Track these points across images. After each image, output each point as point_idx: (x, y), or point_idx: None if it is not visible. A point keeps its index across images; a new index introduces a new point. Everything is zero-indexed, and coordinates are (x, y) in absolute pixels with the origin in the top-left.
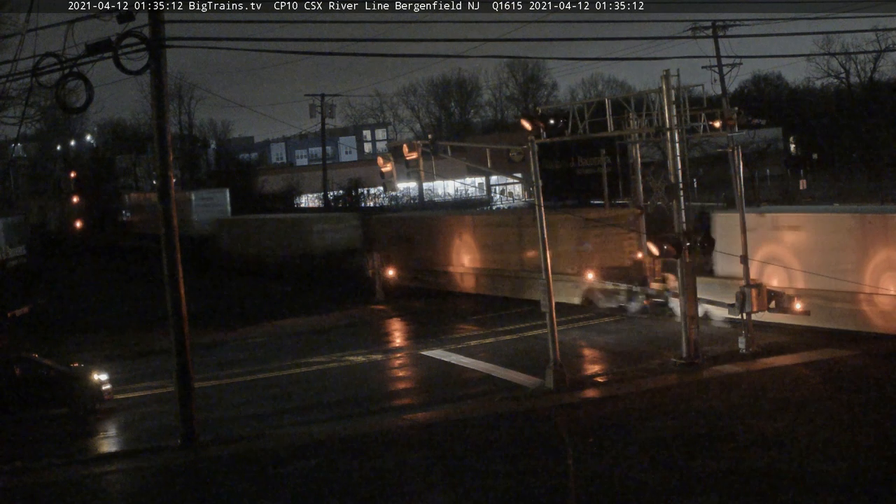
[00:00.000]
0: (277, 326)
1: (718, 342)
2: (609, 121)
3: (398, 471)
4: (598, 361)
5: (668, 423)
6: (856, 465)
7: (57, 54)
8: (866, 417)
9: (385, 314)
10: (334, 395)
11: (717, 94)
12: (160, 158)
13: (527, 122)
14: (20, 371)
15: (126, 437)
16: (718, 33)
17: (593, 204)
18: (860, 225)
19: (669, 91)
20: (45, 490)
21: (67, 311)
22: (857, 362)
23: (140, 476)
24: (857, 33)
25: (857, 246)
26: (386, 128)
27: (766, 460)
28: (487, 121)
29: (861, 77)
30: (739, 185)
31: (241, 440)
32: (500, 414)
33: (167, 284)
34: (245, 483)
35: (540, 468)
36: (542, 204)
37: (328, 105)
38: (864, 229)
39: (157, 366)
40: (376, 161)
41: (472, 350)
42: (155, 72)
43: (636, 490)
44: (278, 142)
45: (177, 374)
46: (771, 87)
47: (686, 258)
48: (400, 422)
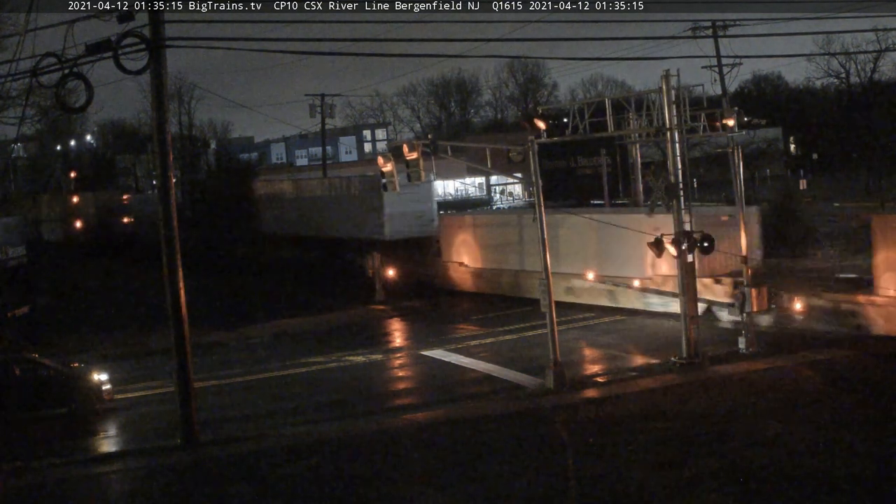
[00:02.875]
0: (278, 326)
1: (718, 342)
2: (609, 121)
3: (398, 471)
4: (598, 361)
5: (668, 423)
6: (855, 465)
7: (57, 54)
8: (866, 417)
9: (385, 314)
10: (334, 395)
11: (717, 94)
12: (160, 158)
13: (527, 122)
14: (20, 371)
15: (126, 437)
16: (718, 33)
17: (593, 204)
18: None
19: (669, 91)
20: (45, 490)
21: (67, 311)
22: (857, 362)
23: (140, 476)
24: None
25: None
26: (386, 128)
27: (766, 460)
28: (487, 121)
29: (861, 77)
30: (739, 184)
31: (241, 440)
32: (501, 414)
33: (167, 284)
34: (245, 483)
35: (540, 468)
36: (542, 204)
37: (328, 105)
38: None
39: (157, 366)
40: (376, 161)
41: (472, 350)
42: (155, 72)
43: (636, 490)
44: (278, 142)
45: (177, 374)
46: (771, 87)
47: (686, 258)
48: (400, 422)
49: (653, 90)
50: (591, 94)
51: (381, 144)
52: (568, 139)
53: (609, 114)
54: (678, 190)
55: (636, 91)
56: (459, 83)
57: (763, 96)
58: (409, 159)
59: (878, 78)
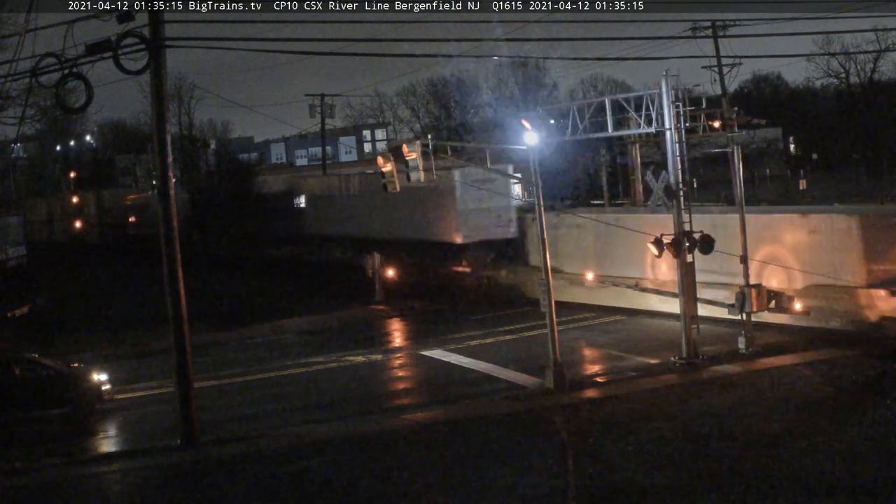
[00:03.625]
0: (277, 326)
1: (718, 342)
2: (609, 121)
3: (398, 471)
4: (598, 361)
5: (668, 423)
6: (855, 465)
7: (57, 54)
8: (866, 417)
9: (385, 314)
10: (334, 395)
11: (717, 94)
12: (160, 158)
13: (527, 122)
14: (20, 371)
15: (126, 437)
16: (718, 33)
17: (593, 204)
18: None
19: (669, 91)
20: (45, 490)
21: (67, 311)
22: (857, 362)
23: (140, 476)
24: (857, 33)
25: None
26: (386, 128)
27: (766, 460)
28: (487, 121)
29: (861, 77)
30: (739, 184)
31: (241, 440)
32: (500, 414)
33: (167, 284)
34: (245, 483)
35: (540, 468)
36: (541, 203)
37: (328, 105)
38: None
39: (157, 366)
40: (376, 161)
41: (472, 350)
42: (155, 72)
43: (636, 490)
44: (278, 142)
45: (177, 374)
46: (771, 87)
47: (685, 258)
48: (400, 422)
49: (652, 90)
50: (590, 95)
51: (381, 144)
52: (568, 139)
53: (609, 114)
54: (678, 190)
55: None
56: (459, 83)
57: (763, 96)
58: (409, 159)
59: (878, 78)
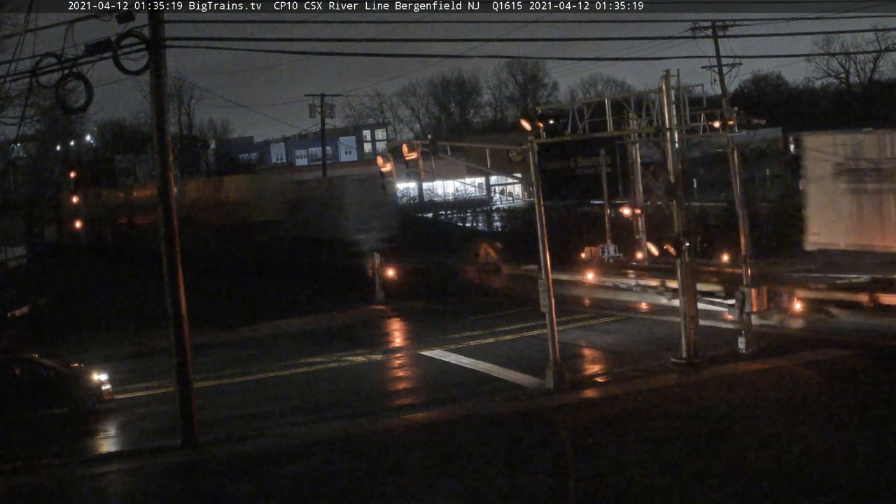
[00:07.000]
0: (277, 326)
1: (718, 342)
2: (609, 121)
3: (398, 471)
4: (598, 361)
5: (668, 424)
6: (856, 465)
7: (57, 54)
8: (866, 417)
9: (385, 314)
10: (334, 395)
11: (716, 94)
12: (160, 158)
13: (527, 122)
14: (20, 371)
15: (126, 437)
16: (718, 33)
17: (593, 204)
18: None
19: (669, 91)
20: (45, 490)
21: (67, 311)
22: (857, 362)
23: (140, 476)
24: (857, 33)
25: None
26: (386, 128)
27: (766, 460)
28: (487, 121)
29: (861, 77)
30: (738, 184)
31: (241, 440)
32: (500, 414)
33: (167, 284)
34: (245, 483)
35: (540, 468)
36: (542, 203)
37: (328, 105)
38: None
39: (157, 366)
40: (376, 161)
41: (472, 350)
42: (155, 72)
43: (636, 490)
44: (278, 142)
45: (177, 374)
46: (771, 87)
47: (685, 258)
48: (400, 422)
49: (653, 90)
50: (590, 94)
51: (381, 144)
52: (567, 139)
53: (609, 114)
54: (678, 190)
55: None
56: (459, 83)
57: (763, 96)
58: (409, 159)
59: (878, 78)
